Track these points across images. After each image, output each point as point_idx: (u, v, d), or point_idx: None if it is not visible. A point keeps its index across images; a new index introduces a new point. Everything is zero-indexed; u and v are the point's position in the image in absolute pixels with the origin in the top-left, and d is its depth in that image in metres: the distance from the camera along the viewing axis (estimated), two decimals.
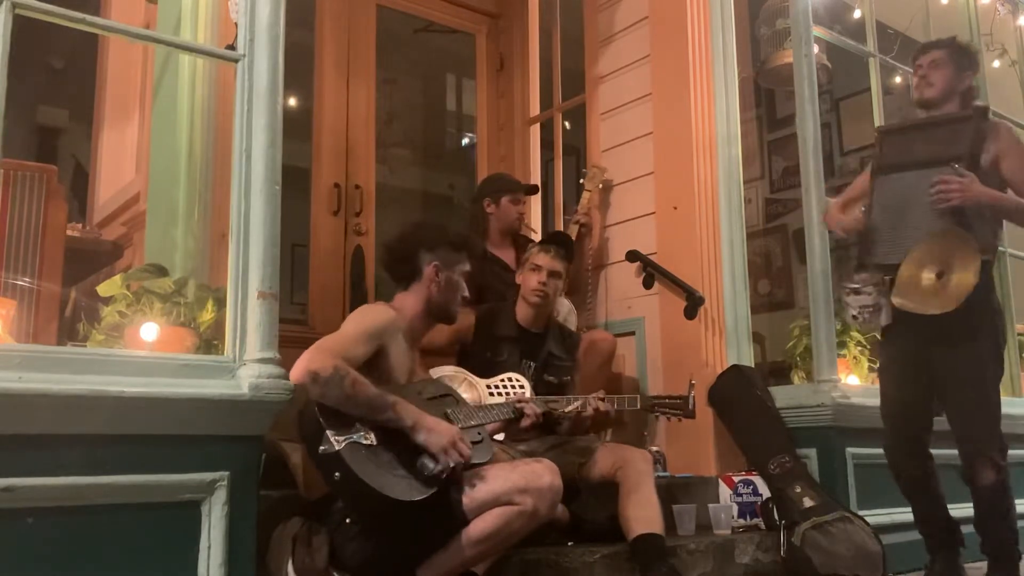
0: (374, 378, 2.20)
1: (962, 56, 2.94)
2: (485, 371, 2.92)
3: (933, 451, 2.86)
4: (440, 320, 2.55)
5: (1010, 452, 2.77)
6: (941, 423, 2.83)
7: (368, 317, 2.36)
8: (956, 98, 2.90)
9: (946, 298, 2.63)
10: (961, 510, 2.89)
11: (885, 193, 2.89)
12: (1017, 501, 2.88)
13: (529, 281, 3.02)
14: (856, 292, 2.83)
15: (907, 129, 3.00)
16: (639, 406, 2.84)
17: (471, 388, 2.84)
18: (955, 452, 2.79)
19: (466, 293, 2.55)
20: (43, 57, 5.15)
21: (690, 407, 2.77)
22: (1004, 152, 2.77)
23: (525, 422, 2.61)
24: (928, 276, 2.66)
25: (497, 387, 2.86)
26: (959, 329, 2.68)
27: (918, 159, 2.83)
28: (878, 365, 3.00)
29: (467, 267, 2.54)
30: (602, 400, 2.76)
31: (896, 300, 2.72)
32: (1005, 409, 3.10)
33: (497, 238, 3.72)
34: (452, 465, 2.14)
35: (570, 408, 2.74)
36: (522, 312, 3.06)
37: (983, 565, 2.82)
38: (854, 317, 2.87)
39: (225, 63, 2.45)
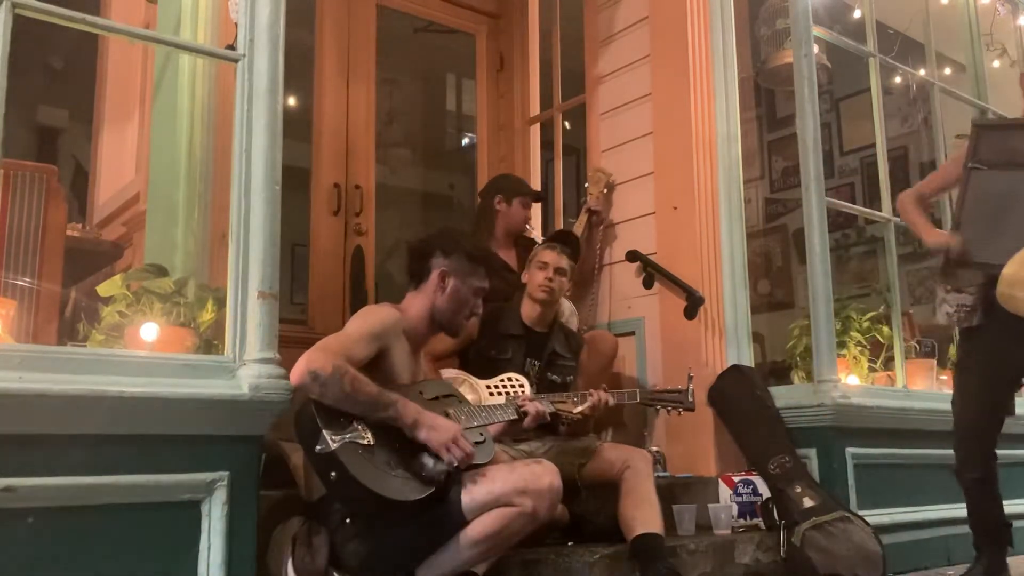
0: (377, 379, 2.20)
1: None
2: (489, 370, 2.91)
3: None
4: (443, 330, 2.54)
5: (1010, 452, 2.78)
6: None
7: (371, 318, 2.36)
8: None
9: None
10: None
11: (983, 189, 2.85)
12: (1017, 501, 2.89)
13: (535, 278, 3.02)
14: (958, 291, 2.79)
15: (1013, 127, 2.94)
16: (638, 400, 2.86)
17: (472, 390, 2.83)
18: (1014, 452, 2.78)
19: (477, 310, 2.53)
20: (43, 57, 5.16)
21: (689, 399, 2.79)
22: None
23: (528, 421, 2.59)
24: None
25: (497, 387, 2.86)
26: None
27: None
28: (958, 361, 2.96)
29: (481, 283, 2.51)
30: (604, 391, 2.78)
31: (1005, 303, 2.66)
32: None
33: (501, 238, 3.73)
34: (455, 464, 2.14)
35: (578, 410, 2.74)
36: (527, 311, 3.06)
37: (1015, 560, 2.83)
38: (948, 315, 2.82)
39: (225, 63, 2.45)
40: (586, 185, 4.05)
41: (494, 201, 3.75)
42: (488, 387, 2.85)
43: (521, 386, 2.84)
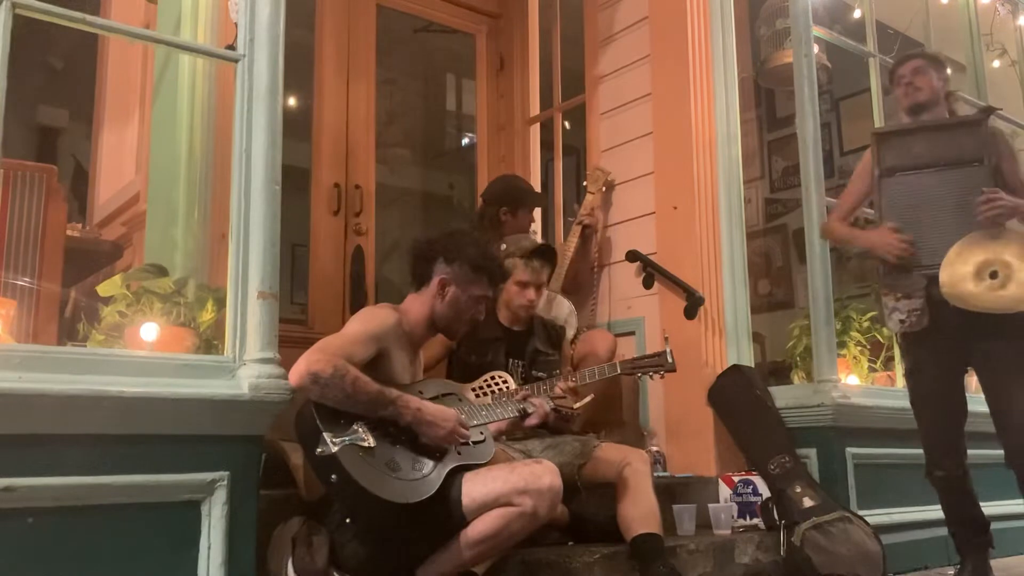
0: (377, 380, 2.19)
1: (937, 63, 3.09)
2: (471, 374, 2.89)
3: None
4: (441, 332, 2.54)
5: (992, 452, 2.80)
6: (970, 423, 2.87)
7: (371, 319, 2.36)
8: (942, 101, 3.03)
9: (1020, 296, 2.66)
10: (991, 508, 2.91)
11: (899, 194, 2.91)
12: (1016, 501, 2.89)
13: (516, 297, 2.98)
14: (908, 296, 2.84)
15: (911, 131, 3.01)
16: (619, 371, 2.86)
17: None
18: (985, 452, 2.83)
19: (479, 316, 2.52)
20: (43, 57, 5.16)
21: (669, 360, 2.82)
22: (1006, 161, 2.87)
23: (532, 420, 2.58)
24: (982, 276, 2.70)
25: (481, 387, 2.85)
26: (1009, 324, 2.71)
27: (934, 160, 2.86)
28: (909, 366, 2.98)
29: (483, 292, 2.49)
30: (572, 370, 2.80)
31: (956, 302, 2.73)
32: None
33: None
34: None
35: (578, 405, 2.74)
36: (504, 313, 3.05)
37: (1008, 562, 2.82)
38: (900, 322, 2.86)
39: (225, 63, 2.45)
40: (585, 184, 4.04)
41: (499, 212, 3.72)
42: (473, 389, 2.83)
43: (504, 382, 2.84)
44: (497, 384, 2.84)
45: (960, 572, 2.87)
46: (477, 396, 2.79)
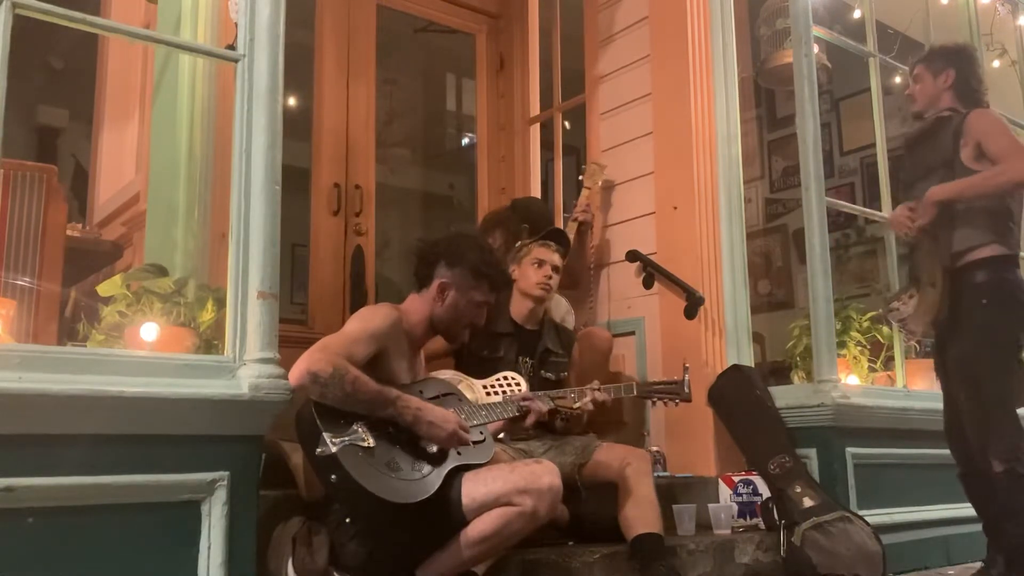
0: (377, 379, 2.20)
1: (936, 61, 3.03)
2: (482, 369, 2.89)
3: None
4: (440, 335, 2.54)
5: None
6: None
7: (371, 318, 2.36)
8: (943, 98, 2.99)
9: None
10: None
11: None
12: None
13: (532, 275, 3.00)
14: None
15: (907, 144, 3.12)
16: (635, 393, 2.85)
17: (469, 390, 2.82)
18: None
19: (478, 320, 2.52)
20: (43, 57, 5.16)
21: (686, 390, 2.80)
22: (983, 137, 2.80)
23: (530, 420, 2.58)
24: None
25: (493, 386, 2.84)
26: (952, 331, 2.77)
27: (915, 175, 2.95)
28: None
29: (483, 298, 2.49)
30: (598, 390, 2.77)
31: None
32: None
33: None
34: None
35: (577, 405, 2.74)
36: (518, 308, 3.05)
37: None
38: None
39: (225, 63, 2.45)
40: (581, 178, 4.03)
41: (522, 226, 3.70)
42: (484, 387, 2.83)
43: (517, 384, 2.83)
44: (509, 385, 2.83)
45: (988, 562, 2.85)
46: (488, 394, 2.80)
